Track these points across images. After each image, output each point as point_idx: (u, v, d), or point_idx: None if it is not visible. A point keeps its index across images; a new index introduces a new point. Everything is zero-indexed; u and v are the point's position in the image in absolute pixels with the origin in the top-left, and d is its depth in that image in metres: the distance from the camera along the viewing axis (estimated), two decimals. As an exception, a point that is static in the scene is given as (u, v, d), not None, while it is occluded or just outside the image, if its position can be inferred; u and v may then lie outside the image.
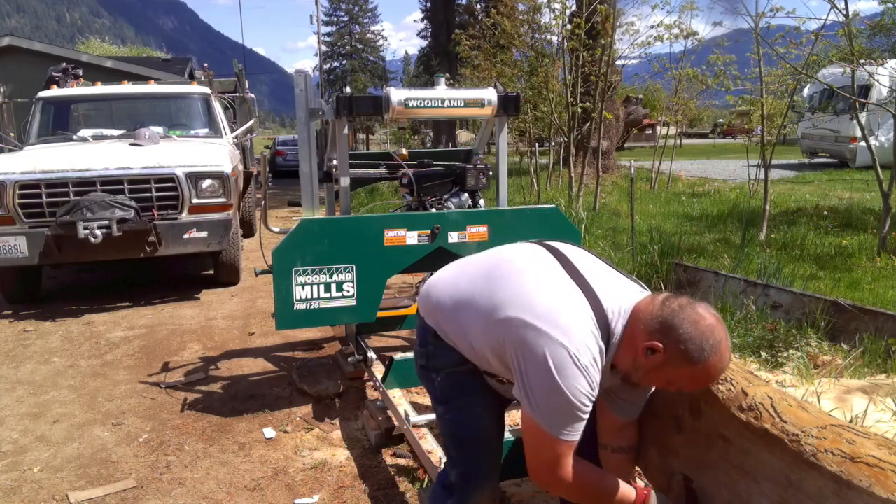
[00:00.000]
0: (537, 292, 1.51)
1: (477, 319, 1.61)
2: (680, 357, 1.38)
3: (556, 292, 1.50)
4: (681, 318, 1.39)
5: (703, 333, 1.37)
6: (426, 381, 1.85)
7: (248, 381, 3.98)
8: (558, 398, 1.41)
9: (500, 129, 3.59)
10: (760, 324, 4.27)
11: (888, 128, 12.70)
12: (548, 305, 1.47)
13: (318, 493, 2.70)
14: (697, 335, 1.37)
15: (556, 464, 1.47)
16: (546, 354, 1.41)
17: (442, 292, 1.76)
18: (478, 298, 1.62)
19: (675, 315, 1.39)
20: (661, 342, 1.39)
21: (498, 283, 1.60)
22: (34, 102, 6.77)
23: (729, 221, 8.30)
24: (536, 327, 1.44)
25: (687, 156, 20.60)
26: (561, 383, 1.40)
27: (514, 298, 1.52)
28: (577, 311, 1.46)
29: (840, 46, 9.78)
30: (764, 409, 1.42)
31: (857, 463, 1.19)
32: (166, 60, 22.23)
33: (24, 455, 3.11)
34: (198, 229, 5.51)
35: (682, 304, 1.42)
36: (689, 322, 1.38)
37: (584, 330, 1.43)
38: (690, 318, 1.38)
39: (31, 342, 4.82)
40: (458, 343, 1.70)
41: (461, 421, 1.77)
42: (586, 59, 9.51)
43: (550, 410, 1.43)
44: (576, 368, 1.40)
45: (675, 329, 1.38)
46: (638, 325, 1.44)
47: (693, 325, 1.38)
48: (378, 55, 61.33)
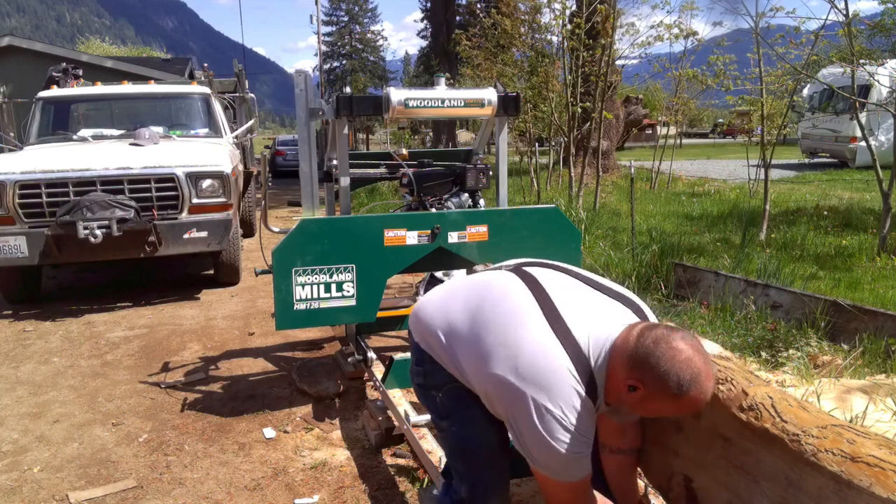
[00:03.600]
0: (519, 346, 1.50)
1: (468, 361, 1.62)
2: (660, 392, 1.38)
3: (536, 346, 1.49)
4: (657, 354, 1.37)
5: (681, 368, 1.36)
6: (426, 399, 1.84)
7: (248, 381, 3.98)
8: (555, 454, 1.44)
9: (500, 129, 3.59)
10: (760, 324, 4.27)
11: (888, 128, 12.70)
12: (530, 363, 1.47)
13: (318, 493, 2.70)
14: (675, 371, 1.36)
15: (578, 498, 1.54)
16: (535, 419, 1.44)
17: (433, 320, 1.75)
18: (466, 339, 1.63)
19: (650, 352, 1.38)
20: (641, 379, 1.39)
21: (483, 329, 1.60)
22: (34, 102, 6.77)
23: (729, 221, 8.29)
24: (522, 391, 1.45)
25: (687, 156, 20.60)
26: (553, 444, 1.43)
27: (499, 351, 1.52)
28: (557, 368, 1.45)
29: (840, 46, 9.77)
30: (764, 408, 1.42)
31: (857, 463, 1.19)
32: (166, 60, 22.23)
33: (24, 455, 3.11)
34: (198, 229, 5.51)
35: (658, 337, 1.40)
36: (665, 359, 1.37)
37: (566, 388, 1.44)
38: (666, 354, 1.37)
39: (31, 342, 4.82)
40: (453, 371, 1.70)
41: (467, 434, 1.75)
42: (586, 59, 9.51)
43: (552, 463, 1.46)
44: (564, 430, 1.43)
45: (651, 366, 1.37)
46: (616, 360, 1.44)
47: (670, 362, 1.36)
48: (378, 55, 61.31)
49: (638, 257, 5.92)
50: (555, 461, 1.45)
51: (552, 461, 1.45)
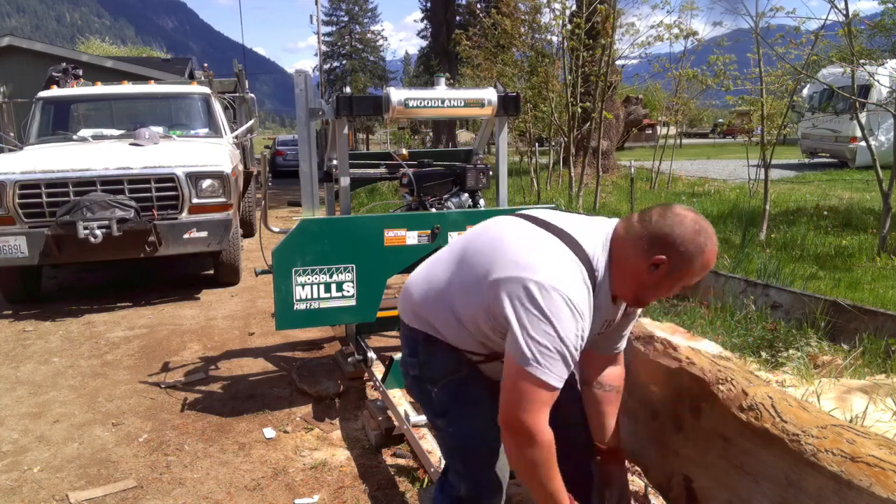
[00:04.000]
0: (519, 249, 1.53)
1: (464, 293, 1.60)
2: (684, 259, 1.45)
3: (537, 245, 1.53)
4: (669, 225, 1.45)
5: (693, 229, 1.45)
6: (420, 394, 1.79)
7: (248, 381, 3.98)
8: (552, 340, 1.41)
9: (500, 129, 3.59)
10: (760, 324, 4.27)
11: (888, 128, 12.70)
12: (532, 258, 1.49)
13: (318, 493, 2.70)
14: (690, 233, 1.45)
15: (536, 409, 1.43)
16: (539, 299, 1.42)
17: (421, 284, 1.74)
18: (461, 274, 1.63)
19: (661, 226, 1.46)
20: (663, 254, 1.45)
21: (477, 255, 1.61)
22: (34, 102, 6.77)
23: (729, 221, 8.29)
24: (527, 278, 1.45)
25: (687, 156, 20.60)
26: (556, 324, 1.41)
27: (498, 261, 1.53)
28: (561, 257, 1.49)
29: (840, 46, 9.77)
30: (764, 408, 1.42)
31: (857, 463, 1.19)
32: (166, 60, 22.23)
33: (24, 455, 3.11)
34: (198, 229, 5.51)
35: (661, 212, 1.48)
36: (678, 226, 1.45)
37: (571, 272, 1.47)
38: (676, 221, 1.46)
39: (31, 342, 4.82)
40: (447, 329, 1.67)
41: (467, 432, 1.71)
42: (586, 59, 9.51)
43: (543, 352, 1.41)
44: (568, 310, 1.42)
45: (669, 237, 1.45)
46: (626, 250, 1.50)
47: (682, 226, 1.45)
48: (378, 55, 61.29)
49: (638, 257, 5.91)
50: (548, 347, 1.41)
51: (545, 346, 1.41)
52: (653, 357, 1.76)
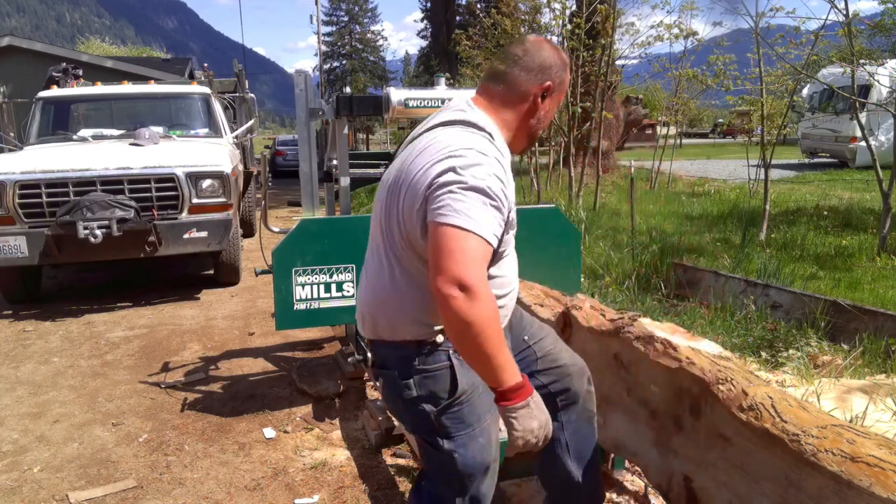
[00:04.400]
0: (422, 160, 1.52)
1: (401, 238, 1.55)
2: (560, 72, 1.61)
3: (432, 145, 1.53)
4: (532, 54, 1.59)
5: (552, 48, 1.62)
6: (411, 417, 1.65)
7: (248, 381, 3.98)
8: (481, 197, 1.41)
9: (500, 129, 3.58)
10: (760, 324, 4.27)
11: (888, 128, 12.70)
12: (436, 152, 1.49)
13: (318, 493, 2.70)
14: (549, 49, 1.61)
15: (479, 265, 1.39)
16: (461, 168, 1.43)
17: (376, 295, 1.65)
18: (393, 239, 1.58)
19: (532, 59, 1.58)
20: (548, 78, 1.59)
21: (388, 209, 1.59)
22: (34, 102, 6.77)
23: (729, 221, 8.29)
24: (442, 159, 1.46)
25: (687, 156, 20.60)
26: (481, 182, 1.42)
27: (409, 184, 1.51)
28: (458, 136, 1.52)
29: (840, 46, 9.77)
30: (764, 408, 1.42)
31: (857, 463, 1.19)
32: (166, 60, 22.24)
33: (24, 455, 3.11)
34: (198, 229, 5.51)
35: (521, 51, 1.60)
36: (537, 50, 1.60)
37: (476, 140, 1.51)
38: (534, 48, 1.60)
39: (31, 342, 4.82)
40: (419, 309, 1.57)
41: (470, 454, 1.62)
42: (586, 59, 9.51)
43: (475, 209, 1.40)
44: (489, 165, 1.45)
45: (543, 64, 1.59)
46: (507, 100, 1.59)
47: (542, 48, 1.61)
48: (378, 55, 61.27)
49: (638, 257, 5.92)
50: (481, 213, 1.40)
51: (480, 214, 1.40)
52: (653, 357, 1.76)
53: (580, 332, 2.12)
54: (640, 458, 1.85)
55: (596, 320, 2.08)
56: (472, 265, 1.37)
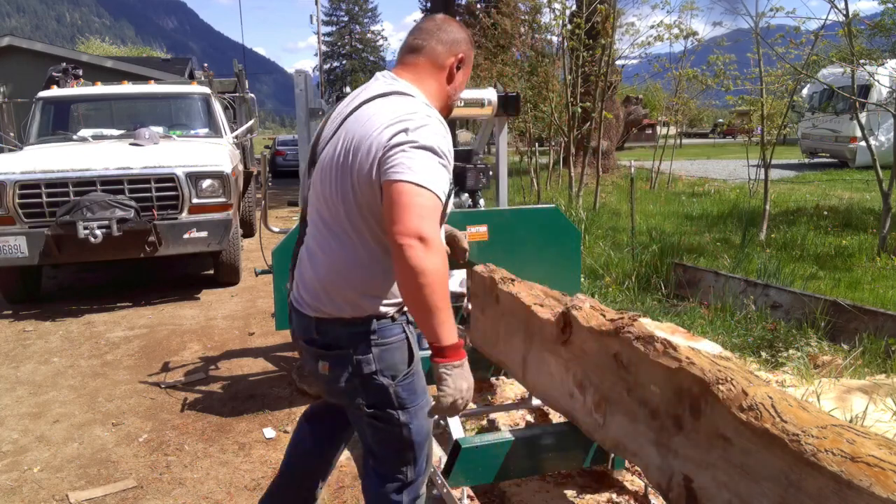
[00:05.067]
0: (372, 125, 1.59)
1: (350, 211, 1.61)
2: (468, 47, 1.77)
3: (375, 115, 1.60)
4: (446, 30, 1.73)
5: (452, 23, 1.77)
6: (370, 392, 1.67)
7: (248, 381, 3.98)
8: (432, 157, 1.51)
9: (500, 129, 3.59)
10: (760, 324, 4.27)
11: (888, 128, 12.70)
12: (380, 119, 1.57)
13: (318, 493, 2.70)
14: (455, 27, 1.76)
15: (429, 218, 1.46)
16: (411, 131, 1.52)
17: (326, 270, 1.66)
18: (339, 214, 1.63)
19: (440, 34, 1.72)
20: (459, 50, 1.74)
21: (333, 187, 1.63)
22: (34, 102, 6.77)
23: (729, 221, 8.30)
24: (391, 122, 1.54)
25: (687, 156, 20.60)
26: (431, 143, 1.51)
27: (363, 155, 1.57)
28: (398, 103, 1.61)
29: (840, 46, 9.78)
30: (764, 408, 1.42)
31: (857, 463, 1.19)
32: (166, 60, 22.25)
33: (24, 455, 3.11)
34: (198, 229, 5.51)
35: (434, 27, 1.74)
36: (448, 29, 1.74)
37: (415, 105, 1.61)
38: (443, 26, 1.74)
39: (31, 342, 4.82)
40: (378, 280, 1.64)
41: (422, 423, 1.73)
42: (586, 59, 9.51)
43: (424, 164, 1.49)
44: (433, 128, 1.55)
45: (453, 38, 1.73)
46: (425, 72, 1.72)
47: (451, 24, 1.76)
48: (378, 55, 61.32)
49: (638, 257, 5.92)
50: (432, 170, 1.49)
51: (430, 170, 1.49)
52: (653, 357, 1.76)
53: (580, 332, 2.12)
54: (640, 458, 1.85)
55: (596, 320, 2.08)
56: (428, 218, 1.44)
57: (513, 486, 2.59)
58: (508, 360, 2.71)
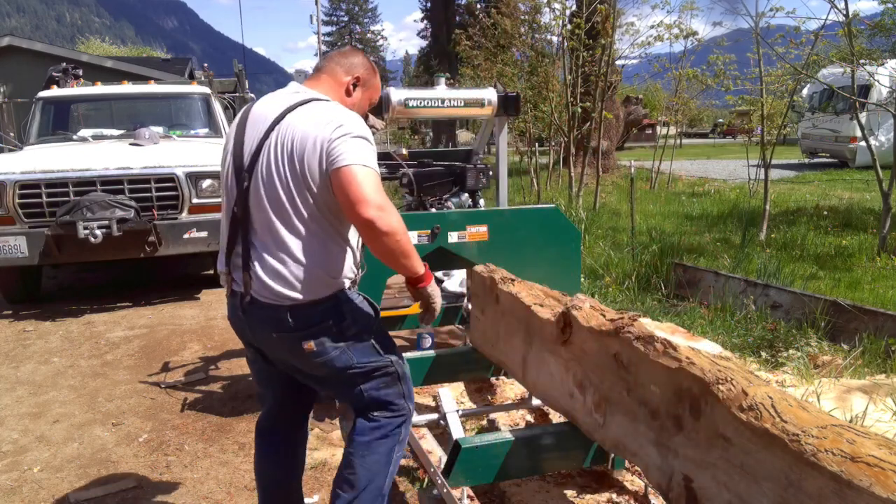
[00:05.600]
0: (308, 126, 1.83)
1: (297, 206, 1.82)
2: (367, 67, 2.05)
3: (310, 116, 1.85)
4: (345, 56, 2.05)
5: (355, 53, 2.09)
6: (354, 351, 1.92)
7: (248, 381, 3.98)
8: (369, 149, 1.81)
9: (500, 129, 3.59)
10: (760, 324, 4.27)
11: (888, 128, 12.70)
12: (317, 118, 1.84)
13: (317, 493, 2.70)
14: (358, 56, 2.07)
15: (380, 189, 1.76)
16: (342, 127, 1.79)
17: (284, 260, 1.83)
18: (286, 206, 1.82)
19: (339, 59, 2.04)
20: (355, 71, 2.02)
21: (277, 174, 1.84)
22: (34, 102, 6.77)
23: (729, 221, 8.30)
24: (325, 121, 1.80)
25: (687, 156, 20.60)
26: (358, 132, 1.80)
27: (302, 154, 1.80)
28: (324, 107, 1.88)
29: (840, 46, 9.78)
30: (764, 408, 1.42)
31: (857, 463, 1.19)
32: (166, 60, 22.25)
33: (24, 455, 3.11)
34: (198, 229, 5.51)
35: (330, 58, 2.07)
36: (348, 55, 2.06)
37: (335, 104, 1.92)
38: (343, 54, 2.07)
39: (31, 342, 4.82)
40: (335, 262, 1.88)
41: (400, 359, 2.05)
42: (586, 59, 9.51)
43: (364, 151, 1.78)
44: (356, 121, 1.85)
45: (350, 63, 2.03)
46: (333, 89, 1.99)
47: (351, 54, 2.07)
48: (378, 55, 61.27)
49: (638, 257, 5.92)
50: (369, 153, 1.79)
51: (368, 154, 1.79)
52: (653, 357, 1.76)
53: (580, 332, 2.12)
54: (640, 458, 1.85)
55: (596, 320, 2.08)
56: (379, 190, 1.74)
57: (513, 486, 2.59)
58: (508, 360, 2.71)
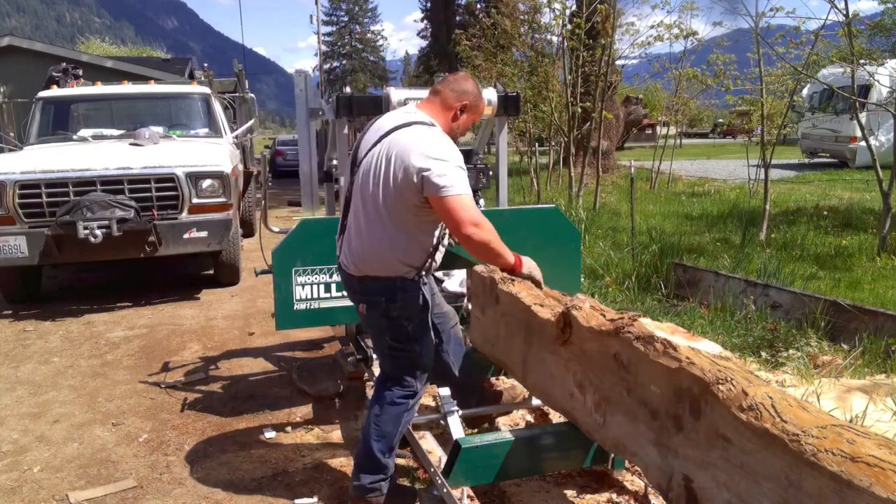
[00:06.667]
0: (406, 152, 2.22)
1: (394, 206, 2.24)
2: (475, 95, 2.40)
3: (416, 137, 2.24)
4: (458, 83, 2.38)
5: (468, 80, 2.42)
6: (390, 326, 2.35)
7: (248, 381, 3.98)
8: (463, 176, 2.19)
9: (500, 129, 3.59)
10: (760, 324, 4.27)
11: (888, 128, 12.69)
12: (422, 144, 2.22)
13: (317, 493, 2.70)
14: (469, 83, 2.40)
15: (474, 210, 2.19)
16: (437, 155, 2.17)
17: (371, 242, 2.29)
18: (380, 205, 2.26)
19: (453, 85, 2.37)
20: (465, 99, 2.36)
21: (380, 179, 2.25)
22: (34, 102, 6.77)
23: (729, 221, 8.29)
24: (424, 149, 2.18)
25: (687, 156, 20.59)
26: (461, 171, 2.20)
27: (405, 163, 2.19)
28: (426, 132, 2.26)
29: (840, 46, 9.78)
30: (764, 408, 1.42)
31: (857, 463, 1.19)
32: (166, 60, 22.24)
33: (24, 455, 3.11)
34: (198, 229, 5.51)
35: (445, 82, 2.39)
36: (460, 82, 2.39)
37: (438, 133, 2.29)
38: (458, 80, 2.40)
39: (31, 342, 4.82)
40: (409, 254, 2.28)
41: (428, 351, 2.46)
42: (586, 59, 9.50)
43: (458, 178, 2.16)
44: (453, 150, 2.22)
45: (462, 90, 2.37)
46: (441, 112, 2.35)
47: (464, 81, 2.40)
48: (378, 55, 61.27)
49: (638, 257, 5.92)
50: (460, 178, 2.17)
51: (460, 179, 2.17)
52: (653, 357, 1.76)
53: (580, 331, 2.12)
54: (640, 458, 1.85)
55: (596, 320, 2.08)
56: (473, 211, 2.19)
57: (513, 486, 2.59)
58: (508, 360, 2.71)
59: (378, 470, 2.41)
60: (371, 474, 2.40)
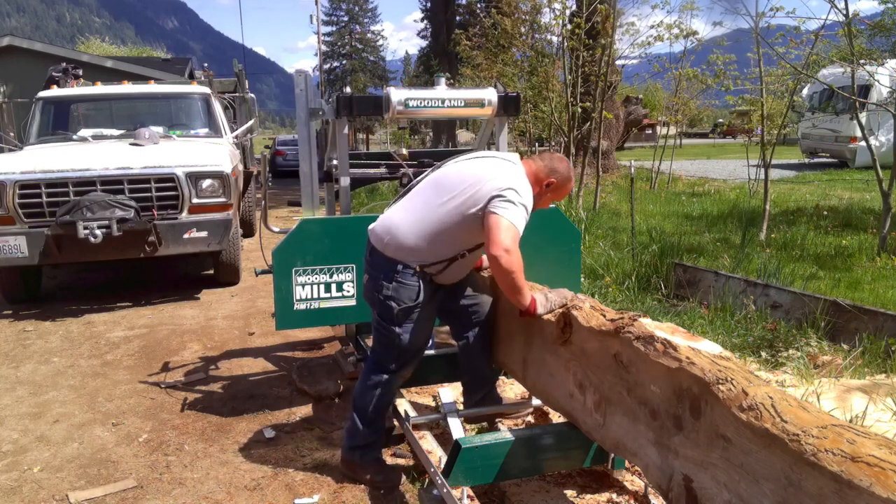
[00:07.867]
0: (492, 175, 2.47)
1: (447, 211, 2.44)
2: (563, 177, 2.60)
3: (500, 170, 2.50)
4: (554, 162, 2.59)
5: (564, 163, 2.63)
6: (381, 304, 2.53)
7: (248, 381, 3.98)
8: (523, 207, 2.39)
9: (500, 129, 3.59)
10: (760, 324, 4.27)
11: (888, 128, 12.69)
12: (502, 177, 2.46)
13: (318, 493, 2.70)
14: (564, 166, 2.61)
15: (513, 238, 2.32)
16: (515, 189, 2.40)
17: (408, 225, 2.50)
18: (445, 206, 2.45)
19: (550, 162, 2.59)
20: (553, 178, 2.56)
21: (455, 185, 2.48)
22: (34, 102, 6.76)
23: (729, 221, 8.29)
24: (505, 182, 2.42)
25: (687, 156, 20.59)
26: (527, 203, 2.42)
27: (480, 185, 2.43)
28: (513, 174, 2.49)
29: (840, 46, 9.77)
30: (764, 408, 1.42)
31: (857, 462, 1.19)
32: (166, 60, 22.24)
33: (24, 455, 3.11)
34: (198, 229, 5.50)
35: (547, 156, 2.63)
36: (557, 162, 2.61)
37: (523, 180, 2.50)
38: (556, 159, 2.62)
39: (31, 342, 4.82)
40: (426, 253, 2.47)
41: (412, 340, 2.57)
42: (586, 59, 9.51)
43: (517, 213, 2.36)
44: (524, 193, 2.44)
45: (554, 168, 2.58)
46: (532, 177, 2.53)
47: (560, 163, 2.61)
48: (378, 55, 61.22)
49: (638, 257, 5.92)
50: (520, 217, 2.37)
51: (519, 216, 2.37)
52: (653, 357, 1.76)
53: (580, 331, 2.12)
54: (640, 458, 1.85)
55: (596, 320, 2.08)
56: (512, 240, 2.31)
57: (513, 486, 2.59)
58: (509, 360, 2.71)
59: (354, 436, 2.68)
60: (348, 439, 2.69)
